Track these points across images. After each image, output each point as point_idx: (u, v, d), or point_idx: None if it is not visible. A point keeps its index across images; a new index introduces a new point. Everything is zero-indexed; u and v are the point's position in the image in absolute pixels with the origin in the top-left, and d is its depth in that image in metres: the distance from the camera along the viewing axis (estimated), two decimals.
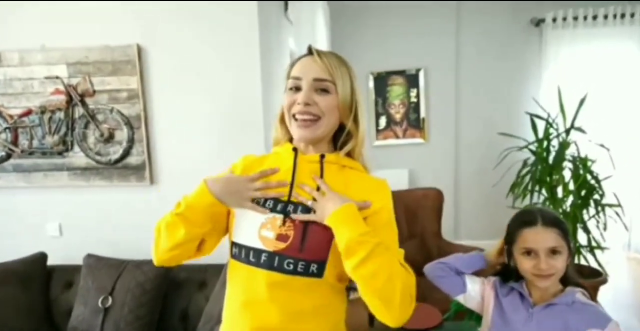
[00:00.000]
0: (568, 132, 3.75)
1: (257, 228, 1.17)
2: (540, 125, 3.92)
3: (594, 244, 3.53)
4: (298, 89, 1.19)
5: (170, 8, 2.51)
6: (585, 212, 3.59)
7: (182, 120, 2.60)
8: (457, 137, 5.27)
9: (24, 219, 2.81)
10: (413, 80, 5.17)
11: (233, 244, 1.22)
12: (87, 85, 2.60)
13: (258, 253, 1.15)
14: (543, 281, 1.40)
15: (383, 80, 5.24)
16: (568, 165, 3.69)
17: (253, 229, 1.17)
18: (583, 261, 3.54)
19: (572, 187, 3.60)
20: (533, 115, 4.00)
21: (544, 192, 3.79)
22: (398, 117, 5.27)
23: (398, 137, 5.31)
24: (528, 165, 3.93)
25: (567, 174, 3.67)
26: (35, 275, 2.55)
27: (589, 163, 3.60)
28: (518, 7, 4.94)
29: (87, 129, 2.65)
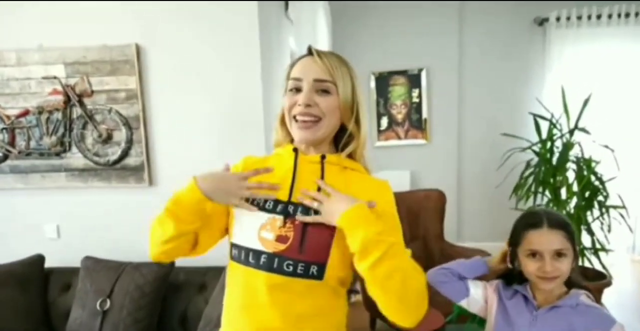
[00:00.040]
0: (572, 132, 3.75)
1: (256, 229, 1.17)
2: (544, 126, 3.92)
3: (598, 246, 3.53)
4: (298, 90, 1.19)
5: (170, 8, 2.51)
6: (590, 213, 3.59)
7: (181, 121, 2.60)
8: (459, 137, 5.27)
9: (22, 221, 2.81)
10: (415, 80, 5.17)
11: (232, 246, 1.22)
12: (85, 85, 2.60)
13: (257, 254, 1.15)
14: (547, 284, 1.40)
15: (385, 80, 5.23)
16: (572, 167, 3.69)
17: (253, 230, 1.17)
18: (587, 264, 3.54)
19: (576, 188, 3.60)
20: (536, 116, 3.99)
21: (548, 193, 3.79)
22: (400, 117, 5.27)
23: (400, 137, 5.31)
24: (531, 166, 3.93)
25: (571, 175, 3.67)
26: (33, 278, 2.55)
27: (593, 164, 3.60)
28: (521, 6, 4.93)
29: (85, 130, 2.65)
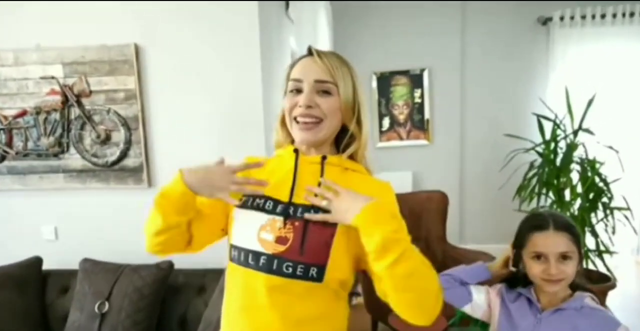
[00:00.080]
0: (576, 133, 3.74)
1: (256, 230, 1.17)
2: (548, 127, 3.92)
3: (603, 248, 3.51)
4: (299, 91, 1.19)
5: (169, 7, 2.52)
6: (594, 215, 3.58)
7: (181, 121, 2.60)
8: (462, 138, 5.27)
9: (19, 222, 2.81)
10: (417, 81, 5.18)
11: (232, 247, 1.22)
12: (83, 86, 2.60)
13: (257, 256, 1.14)
14: (552, 287, 1.40)
15: (386, 81, 5.24)
16: (576, 168, 3.69)
17: (252, 231, 1.17)
18: (591, 266, 3.53)
19: (580, 189, 3.59)
20: (540, 116, 3.99)
21: (551, 194, 3.78)
22: (402, 118, 5.27)
23: (402, 138, 5.32)
24: (535, 168, 3.92)
25: (574, 177, 3.67)
26: (31, 280, 2.55)
27: (598, 165, 3.60)
28: (525, 5, 4.94)
29: (83, 130, 2.65)
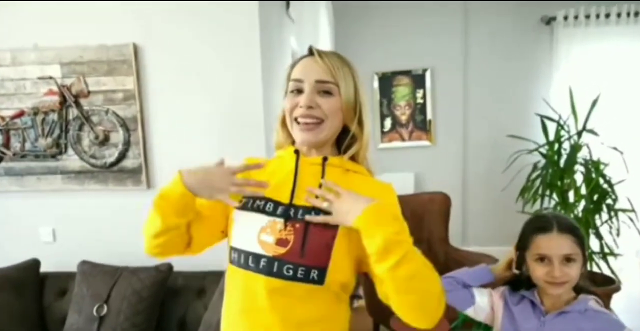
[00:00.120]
0: (580, 134, 3.74)
1: (256, 232, 1.17)
2: (551, 127, 3.92)
3: (607, 250, 3.52)
4: (300, 92, 1.19)
5: (168, 7, 2.52)
6: (598, 217, 3.59)
7: (180, 122, 2.61)
8: (464, 139, 5.27)
9: (16, 224, 2.81)
10: (419, 81, 5.18)
11: (232, 249, 1.22)
12: (81, 86, 2.61)
13: (257, 258, 1.14)
14: (556, 289, 1.40)
15: (388, 81, 5.24)
16: (580, 169, 3.69)
17: (252, 233, 1.17)
18: (595, 268, 3.53)
19: (584, 191, 3.59)
20: (543, 117, 3.99)
21: (555, 196, 3.78)
22: (404, 118, 5.27)
23: (404, 139, 5.32)
24: (538, 169, 3.93)
25: (578, 178, 3.67)
26: (28, 282, 2.55)
27: (602, 166, 3.60)
28: (528, 5, 4.94)
29: (81, 131, 2.65)
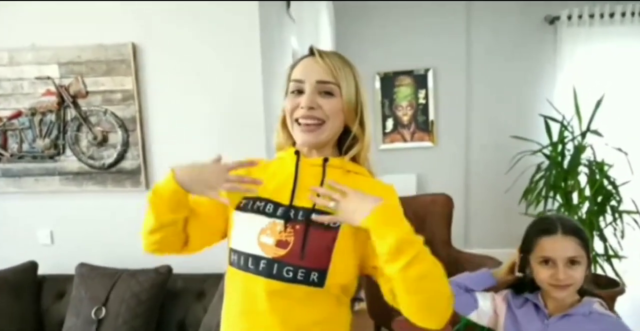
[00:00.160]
0: (584, 135, 3.74)
1: (256, 234, 1.17)
2: (555, 128, 3.92)
3: (611, 253, 3.51)
4: (300, 92, 1.19)
5: (167, 6, 2.52)
6: (602, 219, 3.58)
7: (179, 122, 2.61)
8: (467, 140, 5.27)
9: (14, 226, 2.81)
10: (421, 81, 5.18)
11: (231, 251, 1.22)
12: (79, 86, 2.61)
13: (257, 260, 1.15)
14: (560, 292, 1.40)
15: (390, 81, 5.24)
16: (584, 170, 3.68)
17: (252, 235, 1.17)
18: (600, 271, 3.53)
19: (588, 192, 3.59)
20: (547, 118, 3.99)
21: (559, 198, 3.78)
22: (406, 119, 5.27)
23: (406, 140, 5.32)
24: (542, 170, 3.92)
25: (582, 179, 3.67)
26: (26, 285, 2.55)
27: (606, 168, 3.59)
28: (531, 4, 4.94)
29: (79, 132, 2.66)
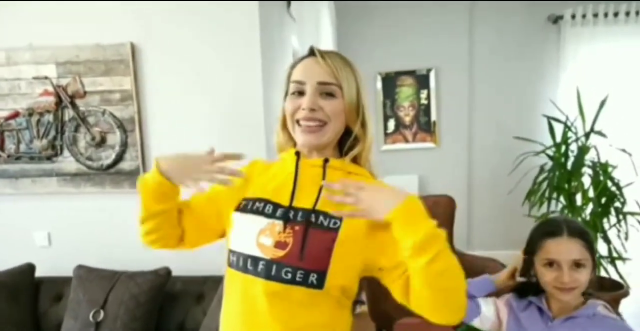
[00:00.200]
0: (588, 136, 3.74)
1: (255, 234, 1.17)
2: (558, 129, 3.92)
3: (615, 255, 3.51)
4: (301, 94, 1.19)
5: (167, 6, 2.52)
6: (606, 220, 3.58)
7: (179, 123, 2.61)
8: (470, 141, 5.26)
9: (11, 228, 2.81)
10: (423, 81, 5.17)
11: (230, 252, 1.23)
12: (77, 86, 2.61)
13: (255, 261, 1.15)
14: (564, 295, 1.40)
15: (391, 81, 5.24)
16: (587, 171, 3.69)
17: (251, 236, 1.17)
18: (603, 273, 3.52)
19: (591, 194, 3.59)
20: (550, 118, 3.99)
21: (562, 199, 3.78)
22: (407, 119, 5.27)
23: (407, 141, 5.32)
24: (545, 171, 3.92)
25: (586, 181, 3.67)
26: (23, 287, 2.55)
27: (610, 169, 3.59)
28: (535, 3, 4.93)
29: (77, 133, 2.66)
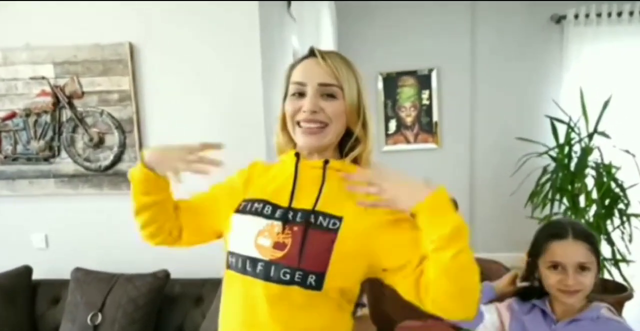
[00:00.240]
0: (591, 136, 3.74)
1: (254, 235, 1.17)
2: (561, 130, 3.92)
3: (619, 257, 3.51)
4: (302, 95, 1.19)
5: (166, 6, 2.52)
6: (610, 222, 3.58)
7: (178, 123, 2.60)
8: (472, 141, 5.26)
9: (8, 230, 2.81)
10: (425, 81, 5.18)
11: (229, 253, 1.22)
12: (75, 86, 2.61)
13: (254, 262, 1.14)
14: (568, 298, 1.40)
15: (393, 81, 5.24)
16: (591, 173, 3.68)
17: (250, 237, 1.17)
18: (607, 275, 3.52)
19: (595, 195, 3.59)
20: (553, 119, 3.99)
21: (565, 201, 3.78)
22: (409, 120, 5.27)
23: (409, 141, 5.31)
24: (548, 172, 3.92)
25: (589, 182, 3.66)
26: (20, 290, 2.55)
27: (614, 170, 3.59)
28: (537, 3, 4.93)
29: (75, 133, 2.66)
